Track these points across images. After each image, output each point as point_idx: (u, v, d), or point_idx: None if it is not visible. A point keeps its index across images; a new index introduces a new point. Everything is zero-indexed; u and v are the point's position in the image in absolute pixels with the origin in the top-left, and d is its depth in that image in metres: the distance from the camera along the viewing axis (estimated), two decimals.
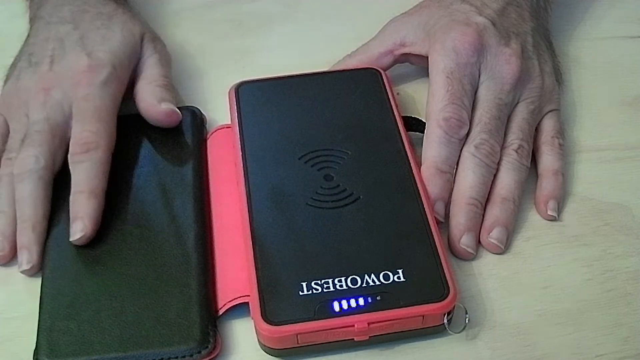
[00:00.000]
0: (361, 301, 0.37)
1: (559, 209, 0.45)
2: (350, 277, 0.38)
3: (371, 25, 0.53)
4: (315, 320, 0.37)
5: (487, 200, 0.44)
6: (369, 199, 0.42)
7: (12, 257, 0.43)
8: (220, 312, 0.40)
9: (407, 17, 0.51)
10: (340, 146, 0.45)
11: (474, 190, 0.44)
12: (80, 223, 0.42)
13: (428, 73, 0.48)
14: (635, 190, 0.46)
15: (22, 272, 0.42)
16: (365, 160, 0.44)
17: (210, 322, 0.39)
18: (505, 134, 0.46)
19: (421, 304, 0.37)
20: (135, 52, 0.49)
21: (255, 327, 0.38)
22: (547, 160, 0.47)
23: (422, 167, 0.44)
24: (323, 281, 0.38)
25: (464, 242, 0.43)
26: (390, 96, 0.48)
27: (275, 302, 0.37)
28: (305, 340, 0.37)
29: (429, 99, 0.46)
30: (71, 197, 0.43)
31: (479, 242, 0.44)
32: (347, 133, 0.46)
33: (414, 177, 0.43)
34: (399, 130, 0.46)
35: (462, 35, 0.47)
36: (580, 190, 0.47)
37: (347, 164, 0.44)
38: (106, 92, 0.45)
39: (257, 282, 0.38)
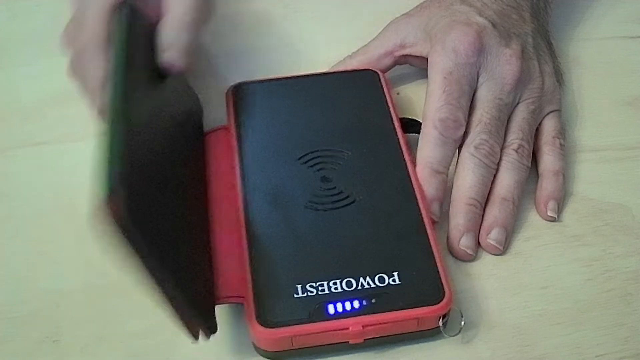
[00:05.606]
0: (356, 304, 0.37)
1: (559, 209, 0.45)
2: (346, 279, 0.38)
3: (371, 26, 0.53)
4: (309, 322, 0.37)
5: (487, 200, 0.44)
6: (366, 201, 0.42)
7: None
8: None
9: (407, 18, 0.51)
10: (338, 148, 0.45)
11: (474, 191, 0.44)
12: None
13: (427, 74, 0.48)
14: (635, 190, 0.46)
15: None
16: (362, 162, 0.44)
17: None
18: (505, 134, 0.46)
19: (416, 307, 0.37)
20: None
21: (249, 329, 0.38)
22: (548, 160, 0.47)
23: (417, 168, 0.44)
24: (318, 283, 0.38)
25: (464, 243, 0.43)
26: (388, 98, 0.48)
27: (270, 304, 0.37)
28: (300, 343, 0.37)
29: (426, 99, 0.46)
30: None
31: (479, 242, 0.44)
32: (345, 135, 0.45)
33: (411, 180, 0.43)
34: (397, 132, 0.46)
35: (463, 36, 0.47)
36: (580, 190, 0.47)
37: (344, 165, 0.44)
38: None
39: (252, 283, 0.38)
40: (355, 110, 0.47)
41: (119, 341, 0.40)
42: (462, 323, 0.39)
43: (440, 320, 0.38)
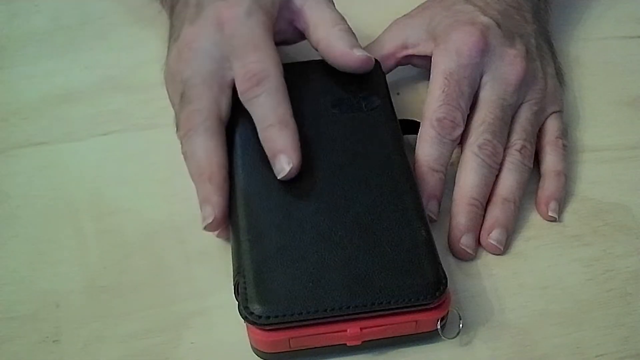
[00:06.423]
0: None
1: (560, 210, 0.45)
2: None
3: (373, 27, 0.52)
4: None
5: (488, 200, 0.44)
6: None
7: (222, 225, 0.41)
8: None
9: (409, 19, 0.51)
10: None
11: (475, 191, 0.44)
12: (284, 157, 0.40)
13: (428, 74, 0.47)
14: (635, 190, 0.46)
15: (205, 227, 0.41)
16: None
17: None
18: (509, 135, 0.46)
19: (414, 309, 0.37)
20: None
21: (247, 330, 0.37)
22: (550, 160, 0.47)
23: (415, 166, 0.44)
24: None
25: (464, 242, 0.43)
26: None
27: None
28: (297, 345, 0.37)
29: (426, 99, 0.46)
30: (261, 136, 0.41)
31: (479, 242, 0.44)
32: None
33: (408, 181, 0.42)
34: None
35: (467, 36, 0.46)
36: (580, 190, 0.47)
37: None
38: (254, 22, 0.44)
39: None
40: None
41: (119, 341, 0.40)
42: (461, 325, 0.39)
43: (439, 323, 0.38)
